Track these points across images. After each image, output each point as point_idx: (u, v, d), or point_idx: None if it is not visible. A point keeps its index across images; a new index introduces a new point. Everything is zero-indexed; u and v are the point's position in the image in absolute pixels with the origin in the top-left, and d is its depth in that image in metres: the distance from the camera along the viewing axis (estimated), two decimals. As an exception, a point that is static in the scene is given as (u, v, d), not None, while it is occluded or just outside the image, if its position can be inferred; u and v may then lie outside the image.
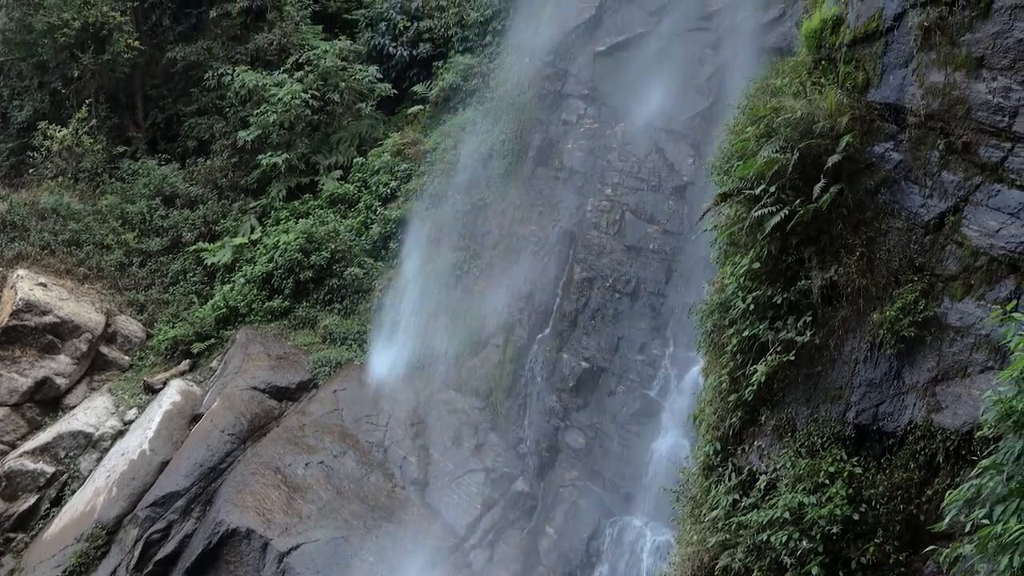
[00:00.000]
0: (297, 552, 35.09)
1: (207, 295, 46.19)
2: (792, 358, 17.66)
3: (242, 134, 48.39)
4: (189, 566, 35.71)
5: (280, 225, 46.02)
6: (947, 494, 12.53)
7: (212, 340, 44.43)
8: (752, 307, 18.34)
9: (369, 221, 45.06)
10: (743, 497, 18.15)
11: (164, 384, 42.70)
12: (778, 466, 17.36)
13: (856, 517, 15.86)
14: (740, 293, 18.70)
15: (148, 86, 53.77)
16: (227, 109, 50.46)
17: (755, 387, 18.12)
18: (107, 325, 44.43)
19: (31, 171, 50.12)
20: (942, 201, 16.01)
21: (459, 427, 38.34)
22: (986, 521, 11.53)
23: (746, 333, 18.42)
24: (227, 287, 45.34)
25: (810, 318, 17.63)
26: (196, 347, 44.24)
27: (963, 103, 15.52)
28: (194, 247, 47.49)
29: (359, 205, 45.86)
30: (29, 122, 51.89)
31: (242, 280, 45.13)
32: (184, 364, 43.96)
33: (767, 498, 17.40)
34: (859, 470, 16.28)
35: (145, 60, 52.65)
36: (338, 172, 47.59)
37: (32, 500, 39.61)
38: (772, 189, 17.69)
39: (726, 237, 19.57)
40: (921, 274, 16.22)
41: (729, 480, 18.63)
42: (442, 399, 39.22)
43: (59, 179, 49.13)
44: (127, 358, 44.54)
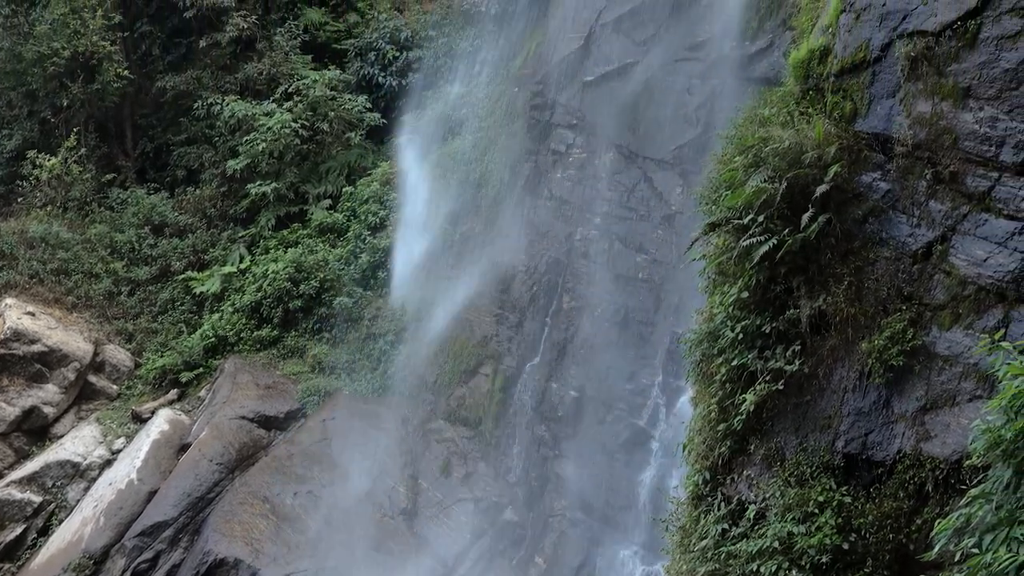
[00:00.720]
0: (285, 582, 35.00)
1: (196, 324, 46.10)
2: (781, 387, 17.67)
3: (231, 163, 48.39)
4: (177, 596, 35.60)
5: (269, 254, 46.00)
6: (936, 523, 12.53)
7: (200, 369, 44.34)
8: (741, 336, 18.36)
9: (358, 250, 45.04)
10: (732, 527, 18.13)
11: (152, 413, 42.57)
12: (767, 495, 17.35)
13: (846, 547, 15.86)
14: (729, 322, 18.72)
15: (137, 115, 53.80)
16: (216, 138, 50.49)
17: (744, 416, 18.12)
18: (95, 354, 44.31)
19: (20, 200, 50.04)
20: (930, 230, 16.06)
21: (448, 456, 38.27)
22: (976, 550, 11.52)
23: (735, 362, 18.43)
24: (216, 316, 45.28)
25: (799, 347, 17.65)
26: (184, 376, 44.14)
27: (950, 133, 15.59)
28: (183, 276, 47.43)
29: (348, 234, 45.86)
30: (18, 151, 51.83)
31: (231, 309, 45.08)
32: (172, 393, 43.85)
33: (756, 528, 17.38)
34: (848, 499, 16.27)
35: (135, 89, 52.68)
36: (327, 201, 47.61)
37: (19, 530, 39.40)
38: (760, 219, 17.74)
39: (715, 266, 19.60)
40: (909, 303, 16.25)
41: (718, 509, 18.60)
42: (431, 428, 39.16)
43: (48, 208, 49.06)
44: (115, 387, 44.41)
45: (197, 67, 52.31)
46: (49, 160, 49.55)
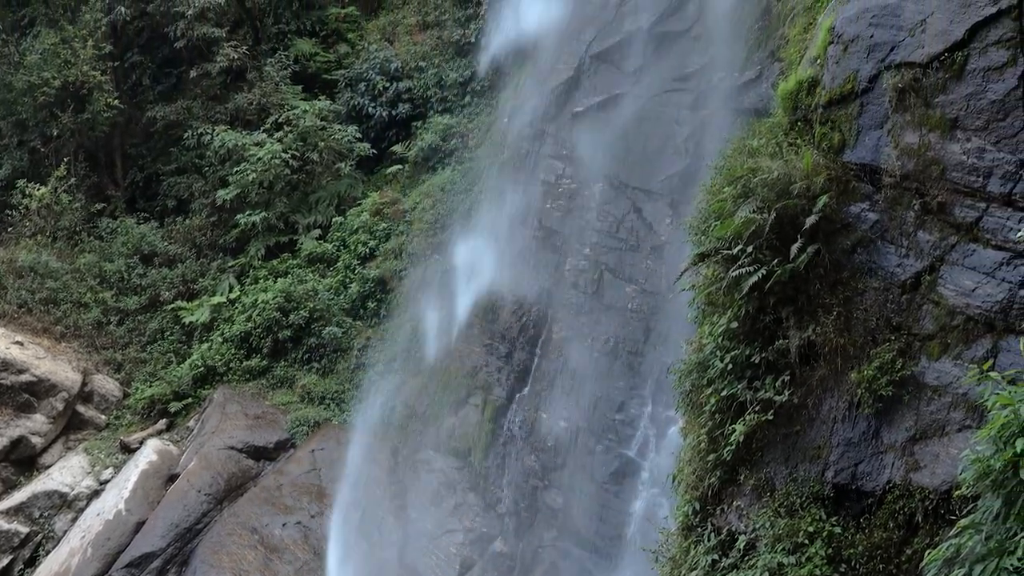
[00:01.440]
0: (274, 614, 34.82)
1: (185, 354, 46.00)
2: (770, 417, 17.66)
3: (221, 193, 48.39)
4: (164, 628, 35.40)
5: (258, 284, 45.96)
6: (926, 554, 12.50)
7: (189, 399, 44.22)
8: (730, 367, 18.37)
9: (348, 280, 45.03)
10: (722, 557, 18.09)
11: (140, 443, 42.42)
12: (757, 526, 17.32)
13: (836, 577, 15.84)
14: (718, 353, 18.73)
15: (127, 145, 53.82)
16: (206, 168, 50.51)
17: (734, 447, 18.11)
18: (84, 384, 44.19)
19: (9, 229, 49.96)
20: (918, 261, 16.10)
21: (438, 487, 38.16)
22: (965, 581, 11.52)
23: (724, 392, 18.43)
24: (205, 346, 45.20)
25: (788, 377, 17.65)
26: (173, 406, 44.02)
27: (938, 164, 15.66)
28: (172, 306, 47.35)
29: (338, 264, 45.85)
30: (8, 180, 51.80)
31: (220, 339, 45.01)
32: (161, 423, 43.72)
33: (746, 558, 17.34)
34: (838, 530, 16.25)
35: (125, 119, 52.71)
36: (317, 231, 47.60)
37: (6, 561, 39.20)
38: (749, 249, 17.77)
39: (704, 297, 19.62)
40: (898, 333, 16.28)
41: (708, 540, 18.57)
42: (421, 459, 39.06)
43: (37, 237, 48.98)
44: (103, 417, 44.28)
45: (187, 97, 52.38)
46: (39, 189, 49.52)
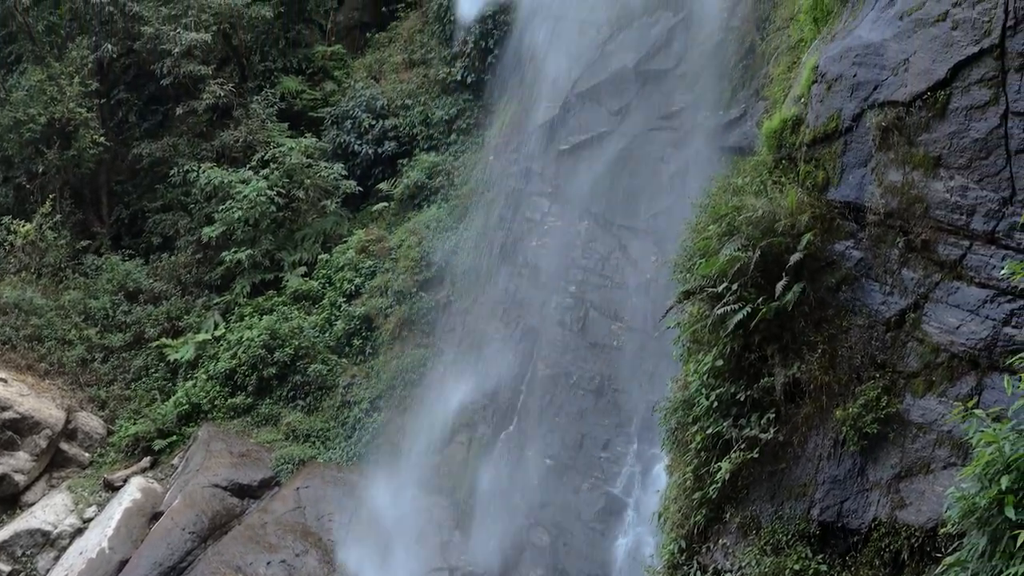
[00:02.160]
0: (257, 653, 34.58)
1: (169, 391, 45.81)
2: (756, 455, 17.67)
3: (206, 230, 48.33)
4: (147, 668, 35.13)
5: (244, 321, 45.84)
6: (912, 592, 12.52)
7: (174, 437, 44.00)
8: (716, 404, 18.39)
9: (333, 318, 44.96)
10: (708, 596, 18.06)
11: (124, 481, 42.17)
12: (743, 564, 17.29)
13: (822, 615, 15.81)
14: (703, 390, 18.75)
15: (113, 182, 53.77)
16: (192, 205, 50.47)
17: (719, 485, 18.10)
18: (67, 421, 43.96)
19: (-6, 266, 49.88)
20: (902, 298, 16.16)
21: (423, 525, 38.01)
22: (951, 619, 11.51)
23: (710, 430, 18.44)
24: (190, 383, 45.03)
25: (773, 415, 17.67)
26: (157, 444, 43.78)
27: (921, 201, 15.74)
28: (157, 343, 47.17)
29: (323, 302, 45.79)
30: (-8, 217, 51.75)
31: (205, 376, 44.86)
32: (145, 461, 43.47)
33: (732, 596, 17.32)
34: (824, 568, 16.23)
35: (111, 156, 52.69)
36: (302, 269, 47.54)
37: (-13, 599, 38.95)
38: (734, 287, 17.83)
39: (689, 335, 19.66)
40: (883, 371, 16.32)
41: (694, 578, 18.54)
42: (406, 497, 38.92)
43: (22, 274, 48.81)
44: (87, 455, 44.04)
45: (173, 134, 52.39)
46: (24, 226, 49.39)
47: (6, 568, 39.34)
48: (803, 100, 18.67)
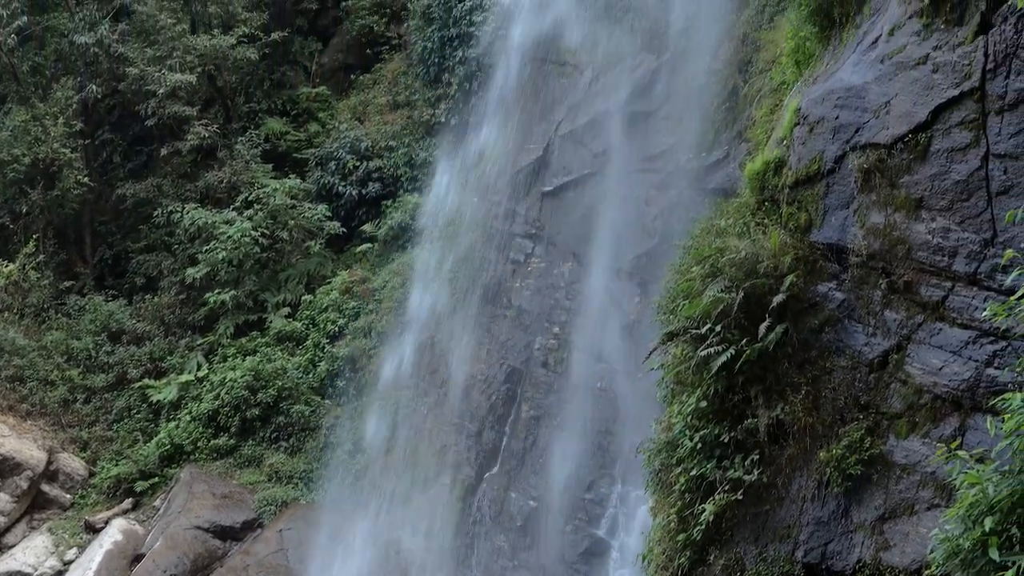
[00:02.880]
0: None
1: (152, 432, 45.61)
2: (740, 497, 17.63)
3: (190, 271, 48.26)
4: None
5: (227, 362, 45.72)
6: (896, 634, 12.48)
7: (156, 478, 43.78)
8: (699, 446, 18.36)
9: (317, 359, 44.89)
10: (693, 638, 17.99)
11: (106, 523, 41.91)
12: (727, 606, 17.25)
13: (806, 658, 15.75)
14: (687, 432, 18.72)
15: (97, 222, 53.74)
16: (176, 246, 50.42)
17: (703, 526, 18.05)
18: (49, 462, 43.72)
19: (-25, 306, 49.71)
20: (885, 339, 16.20)
21: (407, 567, 37.83)
22: (936, 661, 11.48)
23: (694, 472, 18.40)
24: (172, 424, 44.85)
25: (757, 456, 17.65)
26: (139, 485, 43.55)
27: (904, 243, 15.80)
28: (139, 384, 47.02)
29: (307, 343, 45.73)
30: (-25, 257, 51.64)
31: (187, 417, 44.68)
32: (127, 503, 43.23)
33: (717, 639, 17.25)
34: (808, 610, 16.20)
35: (94, 196, 52.69)
36: (286, 310, 47.49)
37: (-34, 643, 38.60)
38: (718, 328, 17.85)
39: (673, 376, 19.66)
40: (866, 412, 16.33)
41: (679, 621, 18.47)
42: (390, 539, 38.74)
43: (4, 314, 48.65)
44: (68, 496, 43.78)
45: (158, 175, 52.41)
46: (7, 266, 49.26)
47: (-14, 610, 39.07)
48: (785, 142, 18.76)
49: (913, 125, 15.85)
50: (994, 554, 11.10)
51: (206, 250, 47.68)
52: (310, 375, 44.57)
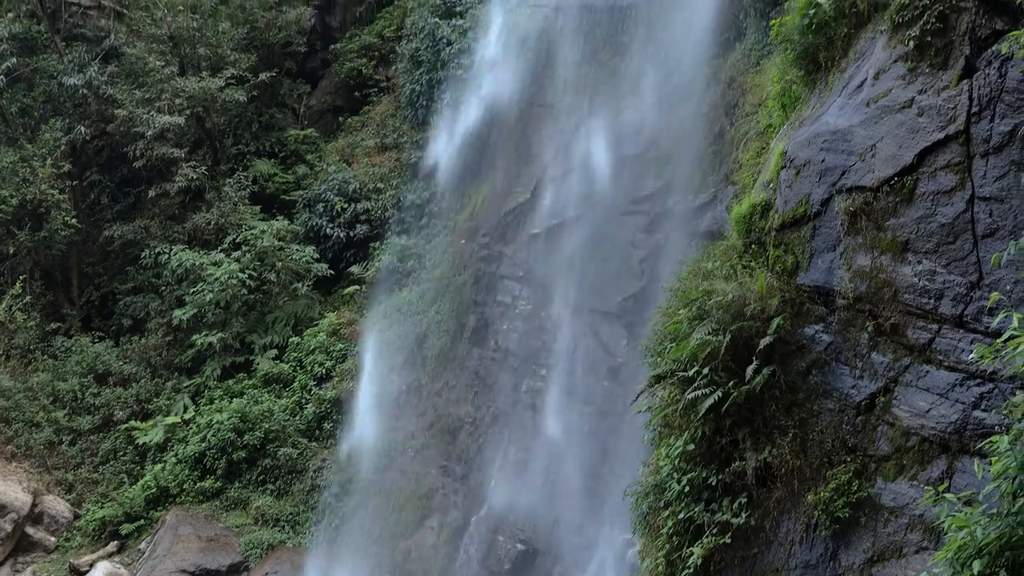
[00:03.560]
0: None
1: (137, 475, 45.37)
2: (728, 540, 17.59)
3: (177, 313, 48.16)
4: None
5: (214, 404, 45.57)
6: None
7: (142, 521, 43.51)
8: (687, 489, 18.32)
9: (304, 401, 44.77)
10: None
11: (91, 567, 41.60)
12: (715, 650, 17.17)
13: None
14: (675, 475, 18.69)
15: (84, 263, 53.65)
16: (163, 288, 50.33)
17: (691, 570, 17.99)
18: (34, 505, 43.45)
19: (-38, 348, 49.53)
20: (872, 382, 16.21)
21: (393, 611, 37.66)
22: None
23: (682, 515, 18.36)
24: (158, 467, 44.62)
25: (745, 500, 17.62)
26: (125, 528, 43.28)
27: (890, 286, 15.85)
28: (126, 426, 46.80)
29: (294, 385, 45.61)
30: (-38, 299, 51.48)
31: (174, 460, 44.46)
32: (112, 546, 42.93)
33: None
34: (797, 654, 16.13)
35: (82, 238, 52.62)
36: (273, 352, 47.38)
37: None
38: (705, 371, 17.85)
39: (660, 419, 19.64)
40: (854, 455, 16.32)
41: (666, 665, 18.37)
42: (376, 582, 38.59)
43: (-10, 355, 48.58)
44: (53, 539, 43.48)
45: (145, 216, 52.39)
46: (-7, 308, 49.22)
47: (-32, 655, 38.73)
48: (772, 185, 18.83)
49: (899, 168, 15.94)
50: (982, 597, 11.09)
51: (193, 292, 47.60)
52: (297, 417, 44.41)
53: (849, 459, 16.35)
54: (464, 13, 45.65)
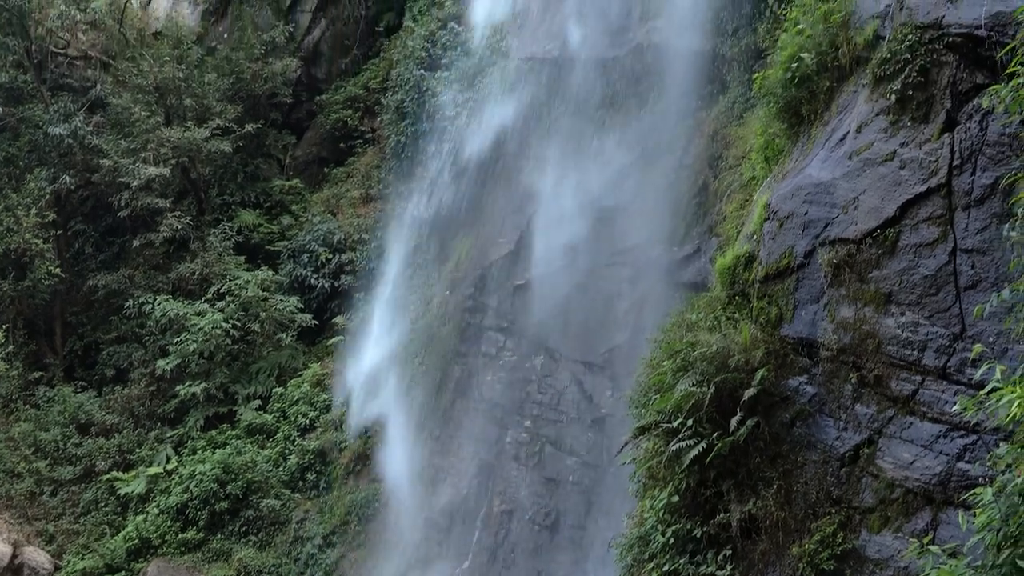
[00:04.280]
0: None
1: (119, 526, 45.05)
2: (713, 592, 17.53)
3: (161, 363, 48.01)
4: None
5: (197, 455, 45.34)
6: None
7: (123, 573, 43.12)
8: (672, 541, 18.27)
9: (287, 452, 44.57)
10: None
11: (70, 619, 41.30)
12: None
13: None
14: (660, 527, 18.65)
15: (68, 313, 53.52)
16: (147, 337, 50.20)
17: (676, 622, 17.93)
18: (13, 556, 43.06)
19: (-57, 397, 49.26)
20: (856, 433, 16.23)
21: (375, 664, 37.37)
22: None
23: (666, 568, 18.29)
24: (140, 518, 44.32)
25: (730, 552, 17.58)
26: (105, 580, 43.00)
27: (873, 337, 15.90)
28: (108, 476, 46.52)
29: (277, 435, 45.42)
30: (-56, 348, 51.29)
31: (156, 510, 44.17)
32: (92, 598, 42.64)
33: None
34: None
35: (66, 287, 52.53)
36: (257, 402, 47.22)
37: None
38: (690, 422, 17.86)
39: (645, 470, 19.62)
40: (838, 506, 16.31)
41: None
42: (358, 635, 38.32)
43: (-29, 406, 48.33)
44: (33, 591, 43.14)
45: (130, 266, 52.35)
46: (-25, 357, 49.02)
47: None
48: (755, 237, 18.92)
49: (881, 220, 16.04)
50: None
51: (177, 342, 47.48)
52: (280, 468, 44.20)
53: (834, 511, 16.34)
54: (450, 65, 45.89)
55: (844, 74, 18.61)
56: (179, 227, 50.68)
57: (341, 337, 47.48)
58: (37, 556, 43.99)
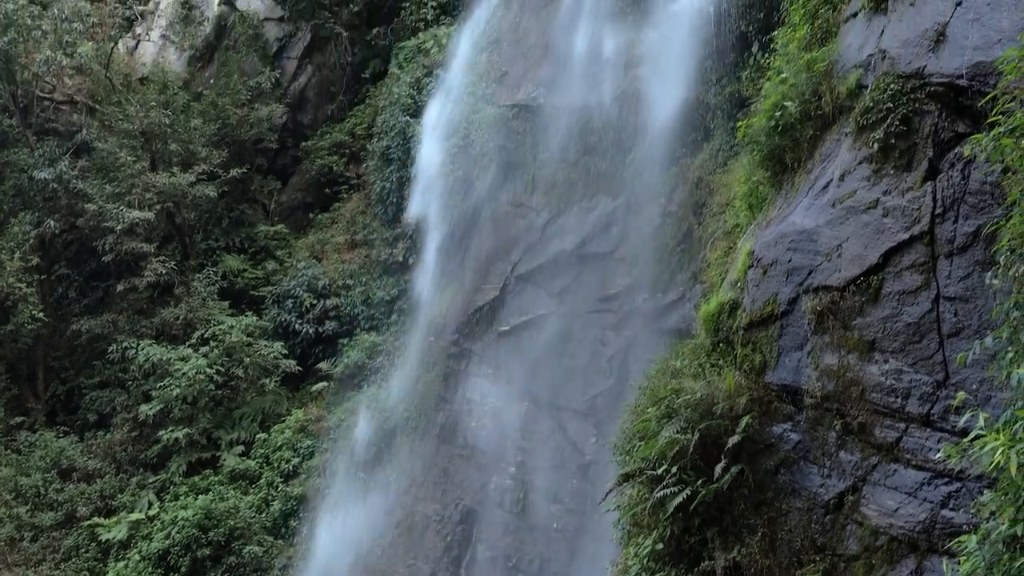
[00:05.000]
0: None
1: (100, 572, 44.70)
2: (698, 641, 17.47)
3: (144, 408, 47.83)
4: None
5: (179, 500, 45.09)
6: None
7: (103, 620, 42.92)
8: (656, 588, 18.22)
9: (270, 498, 44.35)
10: None
11: (49, 667, 40.92)
12: None
13: None
14: (644, 574, 18.57)
15: (50, 357, 53.34)
16: (130, 382, 50.03)
17: (660, 671, 17.85)
18: (-8, 603, 42.82)
19: (-77, 443, 48.97)
20: (840, 481, 16.23)
21: None
22: None
23: (651, 615, 18.24)
24: (121, 564, 43.98)
25: (714, 599, 17.53)
26: (86, 627, 42.66)
27: (858, 384, 15.93)
28: (89, 522, 46.22)
29: (260, 481, 45.21)
30: (-75, 393, 51.04)
31: (137, 557, 43.84)
32: (72, 646, 42.28)
33: None
34: None
35: (49, 331, 52.37)
36: (240, 448, 47.03)
37: None
38: (674, 469, 17.84)
39: (629, 517, 19.57)
40: (823, 554, 16.28)
41: None
42: None
43: (-48, 451, 48.05)
44: (11, 640, 42.80)
45: (113, 310, 52.23)
46: (-44, 402, 48.81)
47: None
48: (739, 284, 18.98)
49: (865, 268, 16.11)
50: None
51: (160, 387, 47.33)
52: (263, 514, 43.97)
53: (818, 558, 16.31)
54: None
55: (827, 122, 18.73)
56: (163, 272, 50.62)
57: (325, 383, 47.40)
58: (16, 603, 43.68)
